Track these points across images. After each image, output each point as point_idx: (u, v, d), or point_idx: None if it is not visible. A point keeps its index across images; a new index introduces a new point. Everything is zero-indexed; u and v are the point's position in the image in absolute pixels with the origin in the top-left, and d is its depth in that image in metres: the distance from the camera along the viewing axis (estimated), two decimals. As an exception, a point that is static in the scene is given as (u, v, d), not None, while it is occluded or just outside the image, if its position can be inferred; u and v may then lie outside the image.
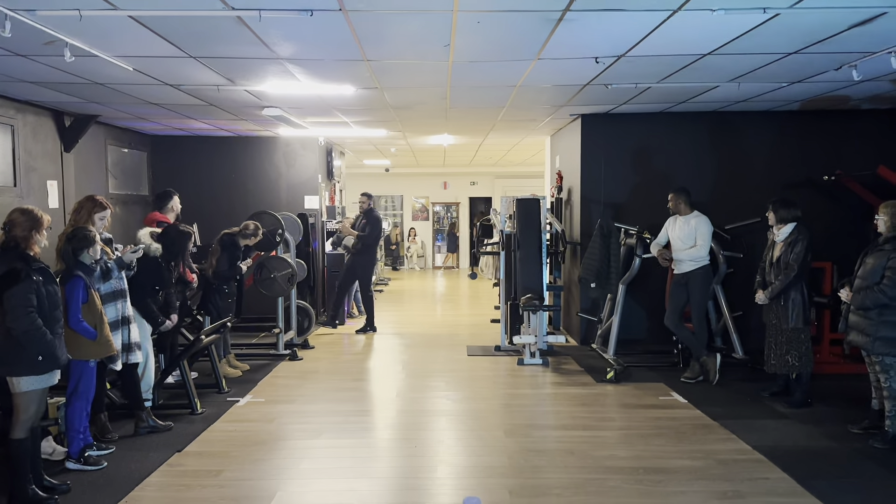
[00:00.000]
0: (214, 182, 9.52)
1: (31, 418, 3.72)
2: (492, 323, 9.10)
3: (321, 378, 6.65)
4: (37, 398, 3.73)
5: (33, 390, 3.70)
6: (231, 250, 6.37)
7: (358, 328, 8.97)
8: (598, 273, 6.82)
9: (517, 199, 7.54)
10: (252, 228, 6.53)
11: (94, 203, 4.57)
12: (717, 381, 6.16)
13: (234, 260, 6.40)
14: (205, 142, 9.53)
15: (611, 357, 6.82)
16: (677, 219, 6.39)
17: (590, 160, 7.86)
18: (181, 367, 5.44)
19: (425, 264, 19.33)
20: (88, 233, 4.24)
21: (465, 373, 6.80)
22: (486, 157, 14.11)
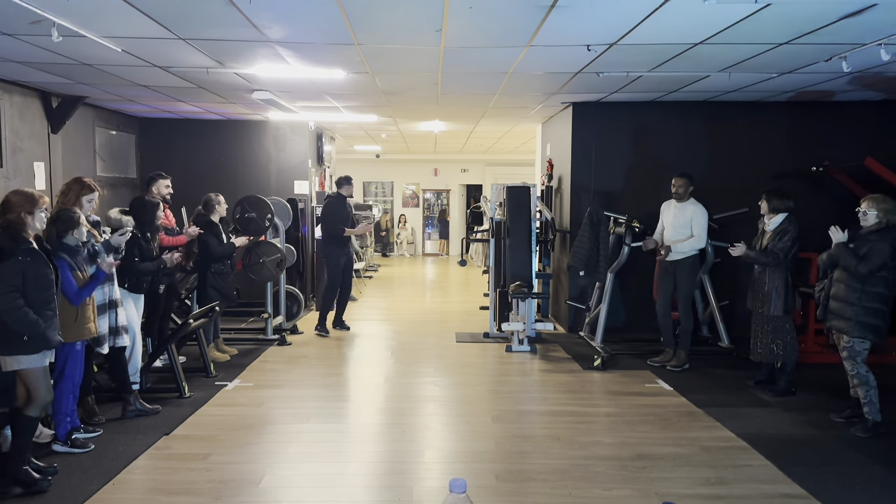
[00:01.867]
0: (203, 166, 9.46)
1: (44, 397, 3.76)
2: (481, 310, 9.13)
3: (309, 363, 6.66)
4: (39, 376, 3.74)
5: (30, 369, 3.70)
6: (209, 229, 6.32)
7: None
8: (586, 261, 6.83)
9: (507, 187, 7.53)
10: (213, 198, 6.43)
11: (81, 185, 4.54)
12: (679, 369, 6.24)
13: (219, 236, 6.36)
14: (194, 125, 9.46)
15: (598, 345, 6.86)
16: (672, 204, 6.40)
17: (581, 148, 7.86)
18: (169, 351, 5.43)
19: (415, 251, 19.33)
20: (73, 215, 4.21)
21: (453, 359, 6.82)
22: (478, 144, 14.08)
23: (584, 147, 7.86)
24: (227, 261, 6.46)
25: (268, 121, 9.54)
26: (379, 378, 6.10)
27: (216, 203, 6.45)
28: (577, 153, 7.88)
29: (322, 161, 10.66)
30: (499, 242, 7.74)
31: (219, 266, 6.36)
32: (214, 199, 6.47)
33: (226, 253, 6.38)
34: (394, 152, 16.53)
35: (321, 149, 10.54)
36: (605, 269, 6.84)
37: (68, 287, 4.12)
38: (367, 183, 19.30)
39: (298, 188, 9.65)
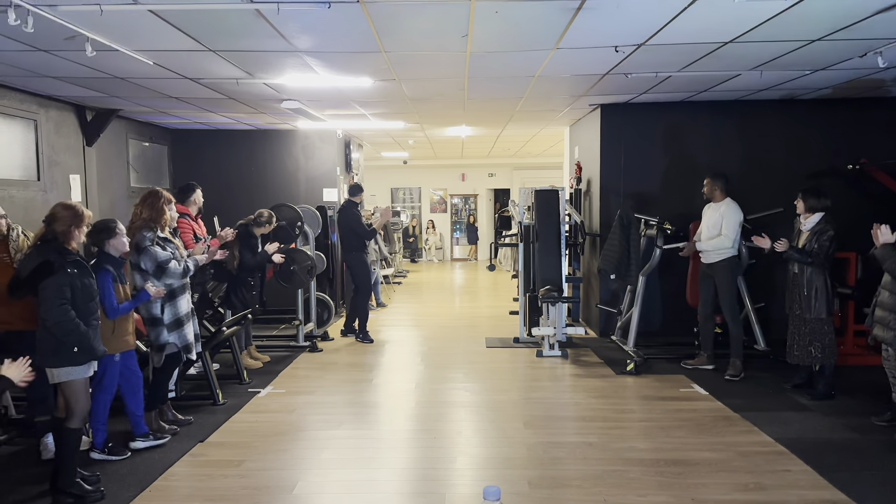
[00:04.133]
0: (234, 175, 9.60)
1: (84, 409, 3.82)
2: (510, 315, 9.11)
3: (341, 369, 6.71)
4: (81, 388, 3.80)
5: (74, 380, 3.77)
6: (247, 240, 6.41)
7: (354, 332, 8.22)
8: (617, 264, 6.78)
9: (535, 191, 7.53)
10: (266, 216, 6.55)
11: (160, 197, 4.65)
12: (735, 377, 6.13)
13: (253, 249, 6.45)
14: (224, 135, 9.61)
15: (630, 349, 6.80)
16: (710, 206, 6.35)
17: (609, 151, 7.82)
18: (203, 359, 5.50)
19: (443, 256, 19.36)
20: (111, 224, 4.28)
21: (483, 364, 6.82)
22: (505, 148, 14.07)
23: (614, 149, 7.81)
24: (257, 274, 6.54)
25: (296, 130, 9.65)
26: (409, 384, 6.12)
27: (266, 222, 6.57)
28: (606, 155, 7.83)
29: (350, 168, 10.73)
30: (528, 246, 7.72)
31: (247, 278, 6.44)
32: (267, 217, 6.57)
33: (258, 263, 6.47)
34: (421, 158, 16.59)
35: (349, 156, 10.61)
36: (636, 272, 6.77)
37: (107, 299, 4.19)
38: (395, 189, 19.39)
39: (327, 196, 9.73)
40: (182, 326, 4.73)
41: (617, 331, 7.58)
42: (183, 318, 4.74)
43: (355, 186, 8.11)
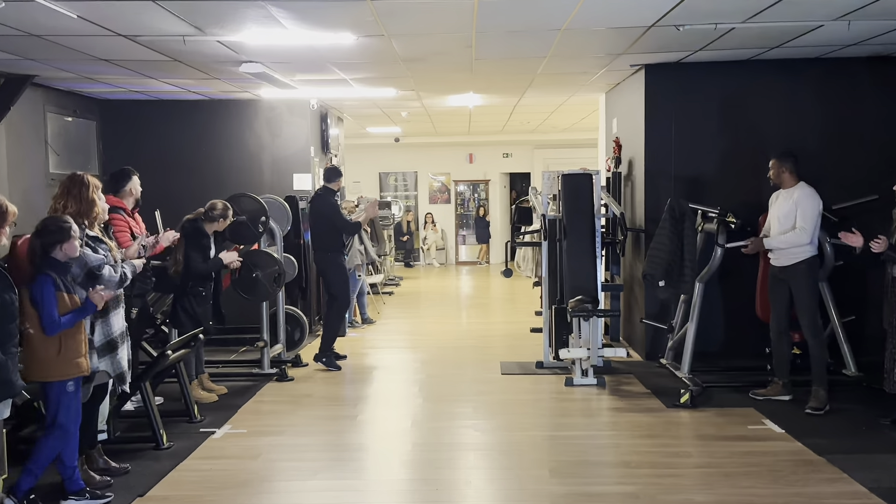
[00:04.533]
0: (181, 158, 9.62)
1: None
2: (532, 333, 9.09)
3: (317, 403, 6.69)
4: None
5: None
6: (195, 240, 6.41)
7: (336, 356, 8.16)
8: (667, 268, 6.77)
9: (563, 175, 7.52)
10: (220, 209, 6.52)
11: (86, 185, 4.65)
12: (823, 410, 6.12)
13: (205, 251, 6.46)
14: (168, 107, 9.62)
15: (685, 375, 6.79)
16: (780, 194, 6.35)
17: (657, 123, 7.81)
18: (142, 391, 5.51)
19: (446, 259, 19.39)
20: (65, 225, 4.25)
21: (498, 396, 6.80)
22: (523, 121, 14.05)
23: (662, 121, 7.80)
24: (209, 282, 6.55)
25: (259, 100, 9.67)
26: (404, 421, 6.11)
27: (221, 216, 6.54)
28: (653, 129, 7.83)
29: (328, 148, 10.74)
30: (553, 246, 7.72)
31: (197, 287, 6.45)
32: (221, 210, 6.54)
33: (209, 271, 6.48)
34: (417, 135, 16.55)
35: (326, 133, 10.62)
36: (691, 278, 6.76)
37: (47, 310, 4.15)
38: (385, 174, 19.42)
39: (299, 183, 9.74)
40: (115, 350, 4.74)
41: (667, 352, 7.57)
42: (116, 340, 4.75)
43: (332, 170, 8.13)
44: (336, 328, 8.03)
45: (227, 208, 6.62)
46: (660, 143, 7.82)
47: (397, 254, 18.29)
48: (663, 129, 7.81)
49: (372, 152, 18.28)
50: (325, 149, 10.66)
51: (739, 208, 7.05)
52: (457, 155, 19.10)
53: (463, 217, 19.60)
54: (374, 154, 18.48)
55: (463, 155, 19.14)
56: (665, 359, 7.59)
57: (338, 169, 8.19)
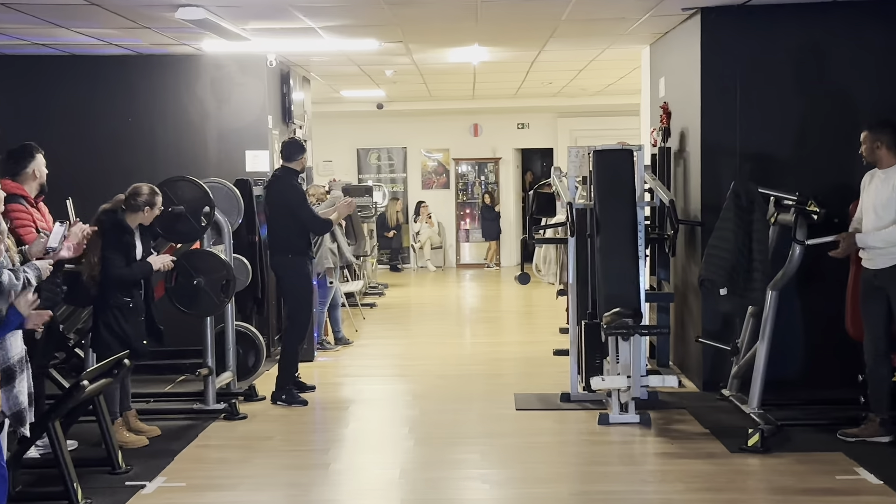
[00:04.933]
0: (100, 131, 9.55)
1: None
2: (555, 356, 9.04)
3: (278, 448, 6.66)
4: None
5: None
6: (116, 236, 6.34)
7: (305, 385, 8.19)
8: (731, 272, 6.75)
9: (595, 152, 7.49)
10: (146, 194, 6.44)
11: None
12: None
13: (127, 251, 6.40)
14: (83, 65, 9.57)
15: (754, 410, 6.77)
16: (875, 175, 6.33)
17: (716, 84, 7.79)
18: (50, 434, 5.44)
19: (444, 260, 19.37)
20: None
21: (512, 438, 6.78)
22: (543, 82, 14.03)
23: (723, 81, 7.78)
24: (137, 290, 6.50)
25: (201, 55, 9.63)
26: (391, 471, 6.09)
27: (147, 203, 6.46)
28: (712, 92, 7.80)
29: (290, 117, 10.69)
30: (583, 244, 7.68)
31: (122, 298, 6.40)
32: (147, 196, 6.47)
33: (135, 277, 6.42)
34: (406, 99, 16.54)
35: (288, 98, 10.58)
36: (761, 285, 6.74)
37: None
38: (365, 151, 19.41)
39: (253, 163, 9.68)
40: (12, 381, 4.66)
41: (731, 381, 7.54)
42: (13, 367, 4.68)
43: (291, 144, 8.04)
44: (295, 356, 7.93)
45: (156, 194, 6.55)
46: (721, 109, 7.79)
47: (381, 254, 18.28)
48: (725, 92, 7.77)
49: (348, 123, 18.28)
50: (287, 118, 10.62)
51: (825, 193, 7.01)
52: (457, 126, 19.10)
53: (466, 206, 19.60)
54: (351, 125, 18.48)
55: (465, 126, 19.14)
56: (728, 389, 7.55)
57: (298, 142, 8.09)
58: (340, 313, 10.72)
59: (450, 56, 10.72)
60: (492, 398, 7.93)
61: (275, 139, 9.99)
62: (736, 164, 7.70)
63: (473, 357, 9.95)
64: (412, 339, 11.16)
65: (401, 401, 8.07)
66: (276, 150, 9.97)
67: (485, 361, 9.60)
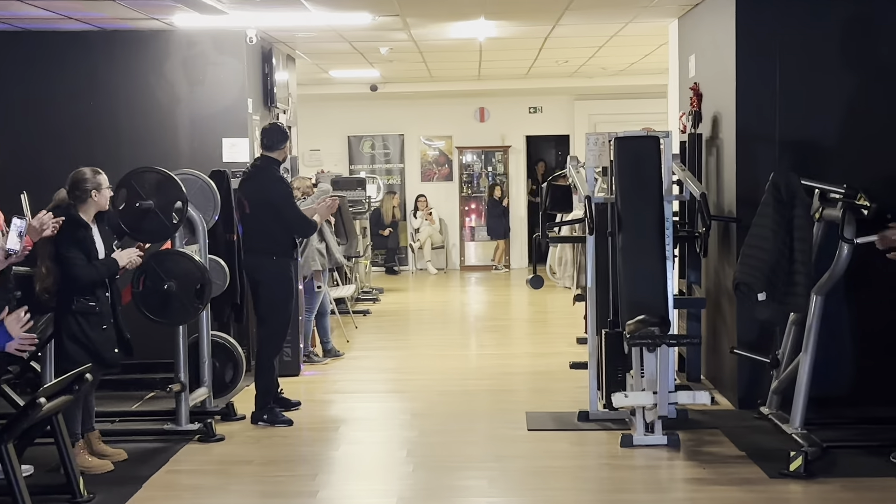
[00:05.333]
0: (58, 117, 9.57)
1: None
2: (572, 370, 9.04)
3: (259, 474, 6.66)
4: None
5: None
6: (71, 233, 6.30)
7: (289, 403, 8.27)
8: (770, 275, 6.75)
9: (617, 139, 7.49)
10: (88, 176, 6.41)
11: None
12: None
13: (87, 246, 6.39)
14: (39, 42, 9.56)
15: (796, 430, 6.77)
16: None
17: (754, 63, 7.79)
18: (3, 457, 5.44)
19: (447, 262, 19.38)
20: None
21: (523, 462, 6.79)
22: (558, 60, 14.06)
23: (762, 59, 7.77)
24: (102, 292, 6.50)
25: (173, 31, 9.63)
26: (387, 500, 6.08)
27: (93, 186, 6.46)
28: (749, 71, 7.80)
29: (273, 101, 10.69)
30: (602, 242, 7.69)
31: (87, 302, 6.40)
32: (91, 178, 6.46)
33: (100, 275, 6.41)
34: (404, 81, 16.57)
35: (270, 79, 10.59)
36: (804, 289, 6.74)
37: None
38: (357, 138, 19.41)
39: (231, 152, 9.69)
40: None
41: (770, 397, 7.54)
42: None
43: (273, 131, 8.02)
44: (272, 370, 7.90)
45: (98, 173, 6.48)
46: (759, 91, 7.79)
47: (375, 255, 18.28)
48: (764, 71, 7.77)
49: (338, 107, 18.31)
50: (270, 102, 10.63)
51: (876, 186, 7.01)
52: (462, 110, 19.11)
53: (471, 201, 19.60)
54: (342, 110, 18.50)
55: (470, 110, 19.15)
56: (767, 406, 7.55)
57: (281, 128, 8.04)
58: (329, 322, 10.72)
59: (452, 31, 10.74)
60: (500, 417, 7.94)
61: (255, 125, 9.99)
62: (775, 152, 7.72)
63: (479, 371, 9.96)
64: (410, 351, 11.16)
65: (398, 420, 8.05)
66: (256, 137, 9.99)
67: (492, 376, 9.60)
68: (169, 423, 7.56)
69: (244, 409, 8.01)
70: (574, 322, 11.55)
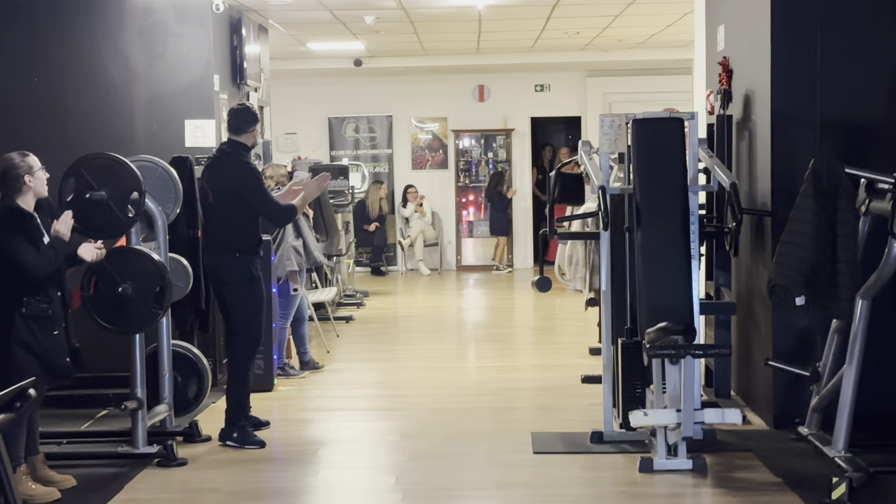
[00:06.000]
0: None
1: None
2: (584, 384, 9.07)
3: (225, 502, 6.68)
4: None
5: None
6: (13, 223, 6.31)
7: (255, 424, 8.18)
8: (809, 276, 6.76)
9: (635, 121, 7.49)
10: (16, 161, 6.37)
11: None
12: None
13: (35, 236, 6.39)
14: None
15: (840, 453, 6.75)
16: None
17: (791, 35, 7.80)
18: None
19: (441, 261, 19.43)
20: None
21: (528, 490, 6.81)
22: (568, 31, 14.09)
23: (800, 31, 7.78)
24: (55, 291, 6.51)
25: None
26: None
27: (25, 171, 6.44)
28: (785, 45, 7.81)
29: (243, 77, 10.71)
30: (619, 239, 7.71)
31: (38, 304, 6.41)
32: (20, 162, 6.45)
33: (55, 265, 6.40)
34: (392, 55, 16.62)
35: (240, 52, 10.61)
36: (849, 292, 6.75)
37: None
38: (338, 120, 19.44)
39: (194, 136, 9.70)
40: None
41: (810, 416, 7.54)
42: None
43: (241, 112, 8.02)
44: (245, 384, 7.93)
45: (26, 155, 6.47)
46: (797, 66, 7.79)
47: (359, 253, 18.29)
48: (803, 44, 7.77)
49: (317, 85, 18.35)
50: (239, 79, 10.65)
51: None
52: (458, 88, 19.16)
53: (468, 192, 19.65)
54: (321, 87, 18.54)
55: (468, 88, 19.19)
56: (807, 426, 7.55)
57: (250, 109, 8.04)
58: (307, 329, 10.73)
59: (447, -2, 10.76)
60: (502, 439, 7.95)
61: (222, 105, 9.99)
62: (816, 136, 7.72)
63: (478, 386, 9.97)
64: (400, 363, 11.16)
65: (385, 442, 8.04)
66: (223, 119, 9.99)
67: (493, 391, 9.60)
68: (124, 446, 7.52)
69: (210, 430, 8.00)
70: (586, 330, 11.60)
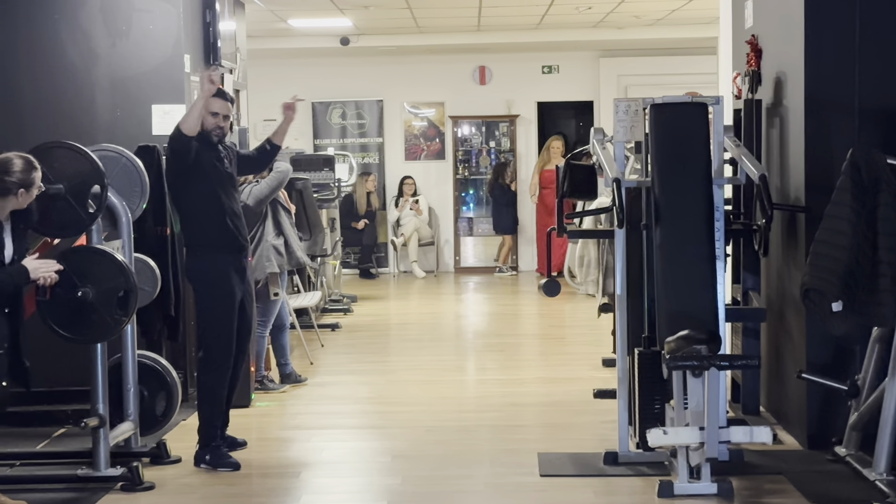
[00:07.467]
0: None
1: None
2: (596, 399, 9.08)
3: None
4: None
5: None
6: None
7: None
8: (847, 278, 6.76)
9: (653, 107, 7.52)
10: (19, 170, 6.40)
11: None
12: None
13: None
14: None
15: (881, 476, 6.76)
16: None
17: (828, 8, 7.80)
18: None
19: (437, 262, 19.47)
20: None
21: (535, 517, 6.79)
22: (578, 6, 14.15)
23: (836, 3, 7.79)
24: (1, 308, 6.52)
25: (89, -31, 9.64)
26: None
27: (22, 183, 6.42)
28: (820, 20, 7.80)
29: (216, 56, 10.72)
30: (635, 238, 7.72)
31: None
32: (22, 170, 6.42)
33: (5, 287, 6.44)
34: (383, 32, 16.67)
35: (213, 29, 10.63)
36: (891, 297, 6.75)
37: None
38: (323, 106, 19.48)
39: (162, 122, 9.66)
40: None
41: (848, 434, 7.54)
42: None
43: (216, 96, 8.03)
44: (218, 399, 7.93)
45: (33, 168, 6.53)
46: (834, 45, 7.79)
47: (347, 253, 18.28)
48: (840, 20, 7.78)
49: (299, 66, 18.38)
50: (213, 58, 10.66)
51: None
52: (457, 70, 19.20)
53: (468, 185, 19.70)
54: (304, 69, 18.54)
55: (468, 70, 19.23)
56: (844, 446, 7.55)
57: (222, 91, 8.06)
58: (289, 338, 10.75)
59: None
60: (506, 460, 7.93)
61: (194, 89, 9.99)
62: (854, 124, 7.72)
63: (479, 401, 9.96)
64: (391, 376, 11.15)
65: (375, 464, 8.05)
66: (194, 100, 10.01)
67: (496, 407, 9.59)
68: (84, 468, 7.50)
69: (179, 450, 8.00)
70: (599, 339, 11.63)
